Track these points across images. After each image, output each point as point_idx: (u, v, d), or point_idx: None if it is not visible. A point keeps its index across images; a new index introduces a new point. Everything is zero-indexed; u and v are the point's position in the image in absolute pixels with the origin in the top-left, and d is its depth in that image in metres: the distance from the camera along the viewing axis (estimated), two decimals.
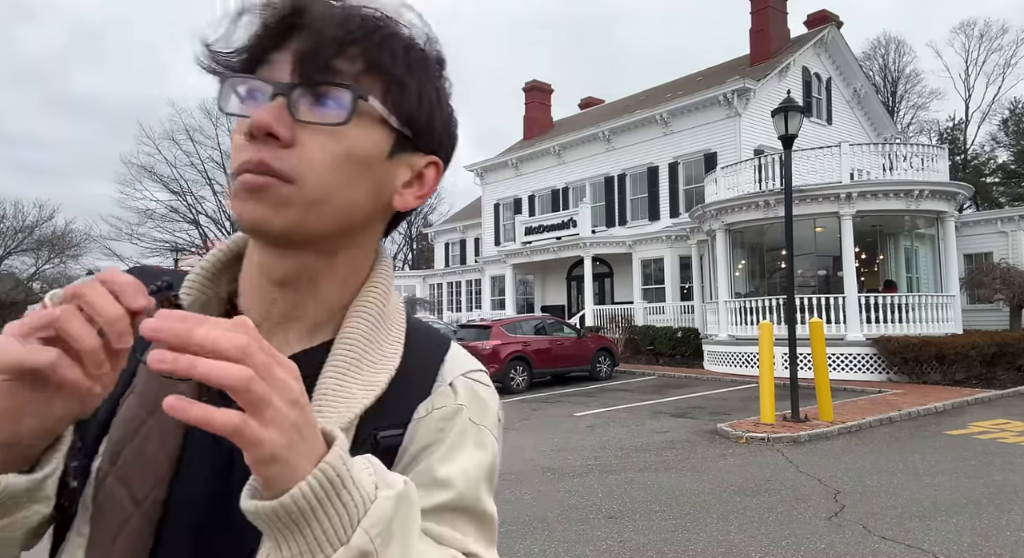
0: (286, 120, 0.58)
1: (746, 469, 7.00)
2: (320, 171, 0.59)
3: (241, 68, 0.61)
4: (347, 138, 0.60)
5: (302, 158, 0.59)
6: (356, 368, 0.64)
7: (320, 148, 0.59)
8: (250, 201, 0.59)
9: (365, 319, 0.67)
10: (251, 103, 0.61)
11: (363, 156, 0.62)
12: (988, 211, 24.09)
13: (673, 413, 10.68)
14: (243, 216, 0.60)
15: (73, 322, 0.46)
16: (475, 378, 0.72)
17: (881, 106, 26.21)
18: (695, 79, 26.02)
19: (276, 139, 0.58)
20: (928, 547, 4.65)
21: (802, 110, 9.91)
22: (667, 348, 18.72)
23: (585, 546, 4.83)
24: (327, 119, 0.59)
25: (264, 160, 0.58)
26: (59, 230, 42.03)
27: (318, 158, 0.59)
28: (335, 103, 0.59)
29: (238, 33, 0.61)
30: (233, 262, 0.70)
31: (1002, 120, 37.93)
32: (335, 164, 0.60)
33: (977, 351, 13.05)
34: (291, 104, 0.58)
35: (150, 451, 0.60)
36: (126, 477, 0.59)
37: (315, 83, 0.59)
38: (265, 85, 0.59)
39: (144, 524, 0.58)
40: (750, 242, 18.13)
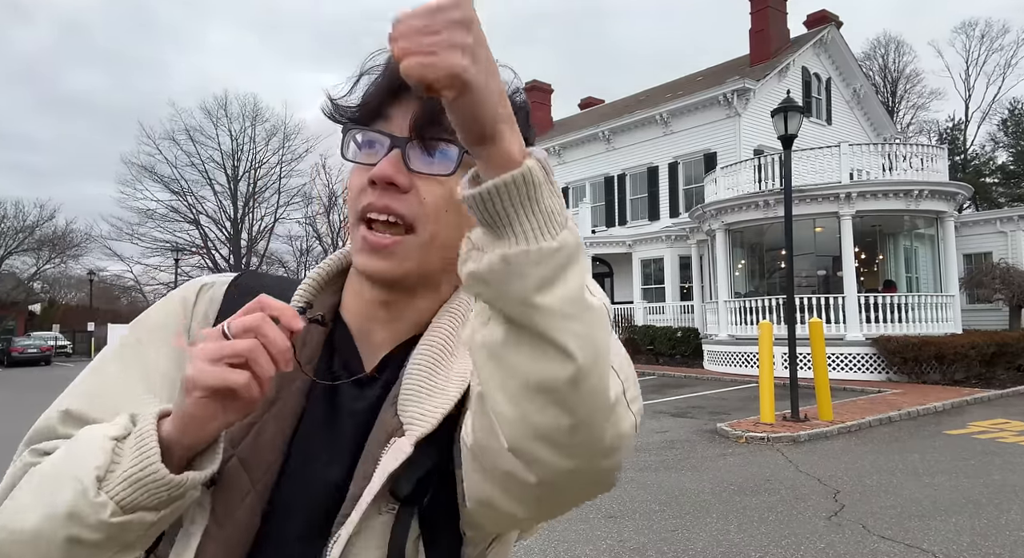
0: (403, 170, 0.68)
1: (746, 469, 7.01)
2: (432, 214, 0.69)
3: (360, 120, 0.72)
4: (452, 184, 0.67)
5: (418, 204, 0.69)
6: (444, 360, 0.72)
7: (431, 194, 0.69)
8: (375, 257, 0.70)
9: (452, 318, 0.75)
10: (367, 151, 0.72)
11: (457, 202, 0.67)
12: (987, 211, 24.11)
13: (673, 413, 10.68)
14: (368, 269, 0.71)
15: (260, 355, 0.58)
16: None
17: (881, 106, 26.22)
18: (695, 79, 26.01)
19: (396, 187, 0.68)
20: (928, 546, 4.65)
21: (802, 110, 9.92)
22: (667, 348, 18.72)
23: (585, 546, 4.84)
24: (438, 170, 0.68)
25: (389, 205, 0.68)
26: (59, 230, 42.13)
27: (431, 202, 0.69)
28: (443, 156, 0.69)
29: (359, 89, 0.73)
30: (337, 276, 0.80)
31: (1002, 120, 37.97)
32: (444, 208, 0.69)
33: (976, 351, 13.05)
34: (406, 156, 0.69)
35: (267, 439, 0.68)
36: (246, 460, 0.67)
37: (428, 138, 0.68)
38: (383, 138, 0.70)
39: (257, 501, 0.66)
40: (750, 242, 18.13)
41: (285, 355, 0.59)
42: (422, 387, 0.70)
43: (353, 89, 0.73)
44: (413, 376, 0.70)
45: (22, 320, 40.33)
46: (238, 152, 39.36)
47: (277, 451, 0.68)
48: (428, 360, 0.71)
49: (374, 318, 0.76)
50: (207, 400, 0.57)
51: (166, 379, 0.72)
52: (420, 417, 0.68)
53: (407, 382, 0.70)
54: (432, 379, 0.70)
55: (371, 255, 0.70)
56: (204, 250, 39.40)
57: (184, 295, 0.80)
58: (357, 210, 0.70)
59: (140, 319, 0.79)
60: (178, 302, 0.79)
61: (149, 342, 0.75)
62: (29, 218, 41.63)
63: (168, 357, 0.74)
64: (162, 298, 0.82)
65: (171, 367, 0.73)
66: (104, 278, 41.95)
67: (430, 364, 0.71)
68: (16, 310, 39.69)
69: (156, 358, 0.74)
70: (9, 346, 30.69)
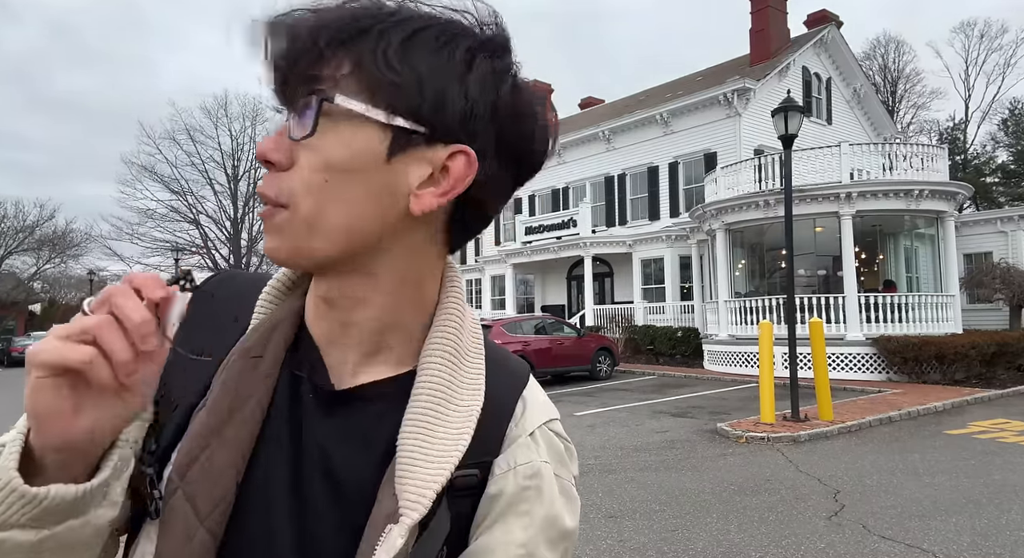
0: (284, 144, 0.57)
1: (746, 469, 7.00)
2: (307, 189, 0.56)
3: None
4: (324, 148, 0.56)
5: (298, 180, 0.57)
6: (441, 414, 0.61)
7: (307, 165, 0.56)
8: (266, 233, 0.60)
9: (443, 357, 0.64)
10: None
11: (346, 164, 0.56)
12: (988, 211, 24.10)
13: (673, 413, 10.68)
14: (266, 250, 0.61)
15: (106, 330, 0.49)
16: (555, 430, 0.69)
17: (881, 106, 26.21)
18: (695, 79, 26.01)
19: (272, 165, 0.57)
20: (928, 546, 4.65)
21: (802, 110, 9.91)
22: (667, 348, 18.72)
23: (585, 545, 4.84)
24: (298, 134, 0.56)
25: (262, 191, 0.58)
26: (59, 230, 42.15)
27: (307, 177, 0.56)
28: (303, 114, 0.56)
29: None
30: (303, 278, 0.70)
31: (1002, 120, 37.95)
32: (318, 179, 0.56)
33: (977, 351, 13.05)
34: (289, 125, 0.57)
35: (216, 468, 0.58)
36: (192, 493, 0.57)
37: (288, 99, 0.57)
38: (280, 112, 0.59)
39: (210, 542, 0.57)
40: (750, 242, 18.13)
41: (140, 329, 0.50)
42: (417, 457, 0.59)
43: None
44: (410, 438, 0.60)
45: (22, 320, 40.35)
46: (238, 152, 39.35)
47: (228, 484, 0.58)
48: (427, 414, 0.61)
49: (324, 319, 0.65)
50: (49, 383, 0.48)
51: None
52: (415, 496, 0.58)
53: (404, 445, 0.60)
54: (429, 441, 0.60)
55: (264, 232, 0.60)
56: (204, 250, 39.40)
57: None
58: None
59: None
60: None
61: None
62: (29, 218, 41.71)
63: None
64: None
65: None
66: (104, 278, 41.90)
67: (429, 420, 0.61)
68: (16, 310, 39.71)
69: None
70: (9, 346, 30.75)
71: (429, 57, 0.56)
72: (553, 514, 0.64)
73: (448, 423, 0.61)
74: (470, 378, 0.64)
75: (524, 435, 0.66)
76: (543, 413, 0.69)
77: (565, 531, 0.64)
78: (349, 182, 0.57)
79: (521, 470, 0.64)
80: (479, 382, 0.65)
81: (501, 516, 0.63)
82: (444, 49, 0.57)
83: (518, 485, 0.63)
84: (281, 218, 0.58)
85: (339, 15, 0.56)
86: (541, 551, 0.62)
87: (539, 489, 0.64)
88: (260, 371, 0.62)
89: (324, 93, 0.55)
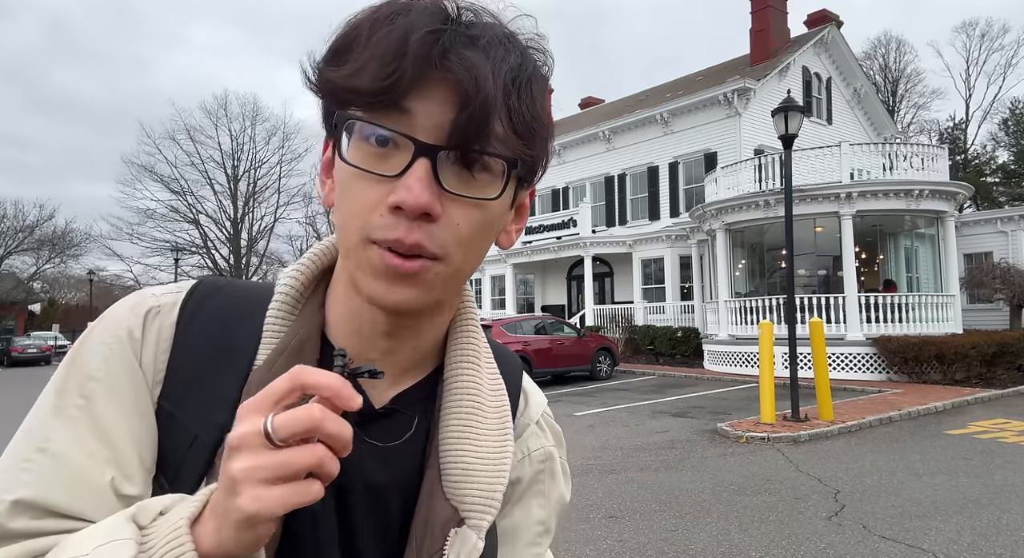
0: (435, 190, 0.53)
1: (746, 469, 7.00)
2: (466, 245, 0.57)
3: (367, 107, 0.53)
4: (492, 207, 0.57)
5: (451, 233, 0.55)
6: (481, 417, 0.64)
7: (466, 220, 0.55)
8: (399, 286, 0.56)
9: (471, 360, 0.67)
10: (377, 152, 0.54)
11: (497, 219, 0.59)
12: (988, 211, 24.09)
13: (673, 413, 10.68)
14: (388, 299, 0.56)
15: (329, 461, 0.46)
16: (550, 414, 0.79)
17: (881, 106, 26.21)
18: (695, 79, 26.01)
19: (428, 216, 0.53)
20: (928, 547, 4.65)
21: (802, 110, 9.91)
22: (667, 348, 18.72)
23: (585, 545, 4.84)
24: (480, 193, 0.55)
25: (420, 243, 0.54)
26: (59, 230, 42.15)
27: (465, 232, 0.56)
28: (488, 174, 0.55)
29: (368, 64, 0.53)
30: (317, 282, 0.67)
31: (1003, 120, 37.96)
32: (479, 234, 0.57)
33: (977, 351, 13.04)
34: (436, 170, 0.53)
35: None
36: None
37: (472, 151, 0.54)
38: (406, 142, 0.53)
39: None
40: (750, 242, 18.13)
41: (349, 446, 0.47)
42: (470, 461, 0.61)
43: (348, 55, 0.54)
44: (455, 446, 0.62)
45: (22, 320, 40.35)
46: (238, 152, 39.41)
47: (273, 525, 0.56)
48: (467, 420, 0.63)
49: (373, 347, 0.63)
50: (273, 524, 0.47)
51: (132, 441, 0.57)
52: (482, 502, 0.60)
53: (450, 453, 0.61)
54: (477, 445, 0.62)
55: (392, 282, 0.55)
56: (204, 250, 39.42)
57: (128, 326, 0.61)
58: (371, 236, 0.55)
59: (75, 364, 0.59)
60: (121, 337, 0.60)
61: (96, 396, 0.58)
62: (29, 218, 41.72)
63: (126, 414, 0.58)
64: (94, 326, 0.62)
65: (135, 425, 0.58)
66: (104, 278, 41.95)
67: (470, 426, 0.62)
68: (16, 310, 39.71)
69: (113, 417, 0.57)
70: (9, 346, 30.71)
71: (543, 107, 0.58)
72: (560, 491, 0.75)
73: (488, 423, 0.64)
74: (491, 376, 0.68)
75: (532, 424, 0.74)
76: (541, 401, 0.78)
77: (566, 503, 0.77)
78: (489, 233, 0.59)
79: (535, 456, 0.73)
80: (499, 380, 0.69)
81: (521, 498, 0.72)
82: (544, 93, 0.58)
83: (534, 469, 0.72)
84: (436, 272, 0.56)
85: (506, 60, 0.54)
86: (553, 524, 0.74)
87: (552, 471, 0.74)
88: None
89: (512, 160, 0.55)
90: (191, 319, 0.62)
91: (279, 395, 0.46)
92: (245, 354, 0.61)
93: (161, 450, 0.59)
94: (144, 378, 0.59)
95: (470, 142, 0.53)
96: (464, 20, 0.55)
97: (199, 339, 0.61)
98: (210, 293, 0.65)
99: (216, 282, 0.67)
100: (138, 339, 0.60)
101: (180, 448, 0.58)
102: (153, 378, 0.60)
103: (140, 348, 0.60)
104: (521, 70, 0.55)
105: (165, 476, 0.58)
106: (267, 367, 0.59)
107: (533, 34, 0.59)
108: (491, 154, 0.54)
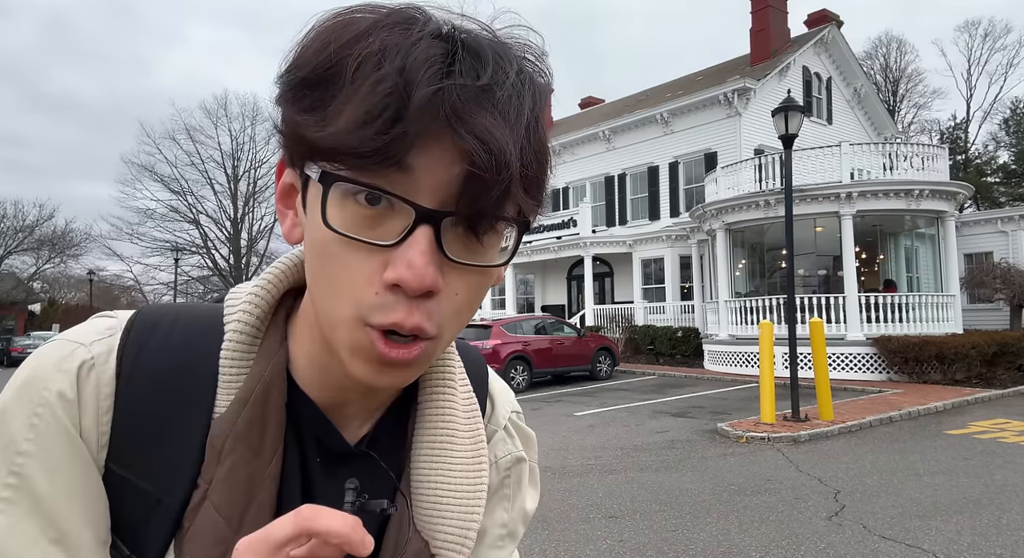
0: (438, 263, 0.47)
1: (746, 469, 7.00)
2: (463, 314, 0.51)
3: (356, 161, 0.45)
4: (493, 271, 0.51)
5: (449, 306, 0.49)
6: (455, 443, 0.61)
7: (466, 289, 0.50)
8: (390, 371, 0.50)
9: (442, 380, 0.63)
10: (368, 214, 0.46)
11: (496, 273, 0.53)
12: (988, 211, 24.09)
13: (673, 413, 10.68)
14: (376, 383, 0.51)
15: None
16: (520, 414, 0.74)
17: (881, 105, 26.21)
18: (695, 79, 26.01)
19: (432, 295, 0.47)
20: (928, 547, 4.65)
21: (802, 110, 9.91)
22: (667, 348, 18.72)
23: (585, 546, 4.84)
24: (485, 259, 0.49)
25: (421, 325, 0.47)
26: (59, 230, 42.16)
27: (463, 302, 0.50)
28: (495, 236, 0.49)
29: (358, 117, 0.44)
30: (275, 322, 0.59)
31: (1004, 120, 37.94)
32: (477, 300, 0.52)
33: (977, 351, 13.04)
34: (439, 239, 0.46)
35: None
36: None
37: (487, 217, 0.47)
38: (404, 206, 0.46)
39: None
40: (750, 242, 18.13)
41: None
42: (442, 494, 0.58)
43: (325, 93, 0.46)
44: (427, 477, 0.59)
45: (22, 320, 40.35)
46: (238, 151, 39.43)
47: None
48: (440, 451, 0.60)
49: (347, 400, 0.58)
50: None
51: (83, 517, 0.51)
52: (456, 538, 0.58)
53: (423, 484, 0.59)
54: (450, 476, 0.59)
55: (383, 367, 0.49)
56: (204, 250, 39.43)
57: (58, 388, 0.51)
58: (367, 320, 0.48)
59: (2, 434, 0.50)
60: (50, 402, 0.51)
61: (30, 473, 0.49)
62: (28, 217, 41.73)
63: (69, 487, 0.50)
64: (15, 387, 0.52)
65: (83, 498, 0.51)
66: (104, 278, 41.98)
67: (443, 456, 0.60)
68: (16, 310, 39.71)
69: (54, 494, 0.50)
70: (9, 346, 30.76)
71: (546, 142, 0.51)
72: (524, 498, 0.71)
73: (463, 453, 0.61)
74: (465, 398, 0.65)
75: (499, 430, 0.70)
76: (508, 404, 0.73)
77: (528, 513, 0.72)
78: (484, 292, 0.52)
79: (502, 462, 0.69)
80: (472, 401, 0.66)
81: (487, 503, 0.66)
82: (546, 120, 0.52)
83: (500, 475, 0.69)
84: (428, 352, 0.50)
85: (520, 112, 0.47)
86: (518, 529, 0.71)
87: (519, 476, 0.71)
88: (264, 458, 0.54)
89: (524, 221, 0.50)
90: (132, 367, 0.54)
91: (283, 542, 0.41)
92: (200, 400, 0.55)
93: (115, 515, 0.53)
94: (85, 445, 0.51)
95: (482, 206, 0.46)
96: (463, 43, 0.47)
97: (144, 391, 0.53)
98: (148, 330, 0.56)
99: (153, 316, 0.57)
100: (73, 401, 0.51)
101: (139, 513, 0.52)
102: (97, 442, 0.52)
103: (77, 412, 0.51)
104: (532, 114, 0.48)
105: (124, 542, 0.53)
106: (230, 420, 0.53)
107: (528, 41, 0.52)
108: (505, 218, 0.48)
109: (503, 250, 0.51)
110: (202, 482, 0.52)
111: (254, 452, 0.53)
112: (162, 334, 0.56)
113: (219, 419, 0.54)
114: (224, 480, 0.52)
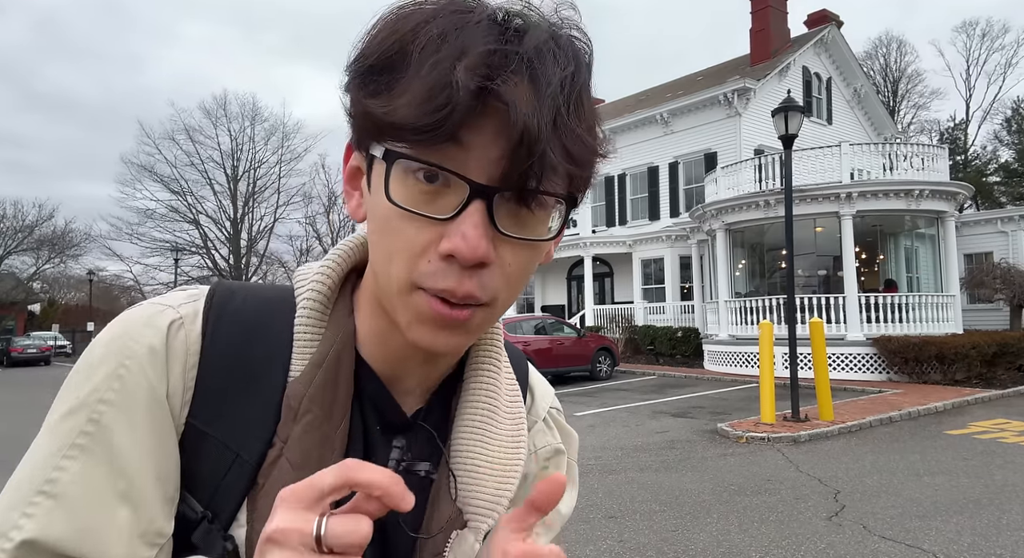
0: (490, 236, 0.50)
1: (746, 469, 7.00)
2: (514, 285, 0.54)
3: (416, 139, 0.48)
4: (542, 245, 0.55)
5: (501, 277, 0.52)
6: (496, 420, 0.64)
7: (517, 261, 0.53)
8: (445, 333, 0.54)
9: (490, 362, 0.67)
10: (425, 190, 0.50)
11: (546, 247, 0.57)
12: (988, 211, 24.10)
13: (673, 413, 10.68)
14: (432, 346, 0.54)
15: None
16: (560, 411, 0.78)
17: (881, 106, 26.22)
18: (695, 79, 26.01)
19: (483, 264, 0.51)
20: (928, 547, 4.65)
21: (802, 110, 9.91)
22: (667, 348, 18.72)
23: (585, 546, 4.83)
24: (534, 233, 0.53)
25: (472, 293, 0.51)
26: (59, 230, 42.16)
27: (515, 273, 0.54)
28: (543, 210, 0.52)
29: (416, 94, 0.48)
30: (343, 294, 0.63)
31: (1004, 119, 37.95)
32: (528, 272, 0.55)
33: (977, 351, 13.04)
34: (492, 213, 0.50)
35: None
36: None
37: (530, 191, 0.50)
38: (459, 182, 0.49)
39: None
40: (750, 242, 18.13)
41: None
42: (479, 464, 0.61)
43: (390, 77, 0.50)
44: (466, 448, 0.62)
45: (22, 320, 40.37)
46: (237, 151, 39.39)
47: None
48: (480, 424, 0.62)
49: (408, 372, 0.62)
50: None
51: (154, 472, 0.53)
52: (486, 506, 0.60)
53: (461, 453, 0.62)
54: (488, 449, 0.62)
55: (438, 329, 0.53)
56: (204, 250, 39.41)
57: (149, 342, 0.55)
58: (420, 284, 0.52)
59: (82, 384, 0.53)
60: (139, 354, 0.54)
61: (109, 422, 0.52)
62: (28, 218, 41.72)
63: (145, 441, 0.53)
64: (103, 342, 0.55)
65: (157, 454, 0.53)
66: (104, 278, 41.97)
67: (483, 429, 0.62)
68: (16, 310, 39.71)
69: (129, 446, 0.52)
70: (9, 346, 30.75)
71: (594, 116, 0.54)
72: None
73: (502, 426, 0.64)
74: (509, 379, 0.68)
75: (539, 421, 0.73)
76: (547, 397, 0.77)
77: (564, 515, 0.75)
78: (535, 266, 0.56)
79: (541, 452, 0.72)
80: (515, 385, 0.69)
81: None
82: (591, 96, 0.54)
83: (539, 465, 0.71)
84: (481, 317, 0.54)
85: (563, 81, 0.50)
86: (555, 522, 0.73)
87: (557, 467, 0.73)
88: (333, 421, 0.57)
89: (572, 199, 0.53)
90: (215, 330, 0.57)
91: (327, 491, 0.42)
92: (275, 364, 0.58)
93: (189, 471, 0.55)
94: (168, 399, 0.54)
95: (528, 181, 0.49)
96: (515, 27, 0.50)
97: (225, 351, 0.57)
98: (228, 298, 0.60)
99: (230, 287, 0.62)
100: (162, 356, 0.55)
101: (217, 469, 0.55)
102: (181, 397, 0.55)
103: (165, 366, 0.55)
104: (574, 86, 0.50)
105: (197, 497, 0.55)
106: (305, 381, 0.57)
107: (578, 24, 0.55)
108: (550, 193, 0.51)
109: (550, 228, 0.54)
110: (277, 440, 0.55)
111: (326, 414, 0.56)
112: (240, 301, 0.60)
113: (295, 380, 0.57)
114: (299, 438, 0.55)
